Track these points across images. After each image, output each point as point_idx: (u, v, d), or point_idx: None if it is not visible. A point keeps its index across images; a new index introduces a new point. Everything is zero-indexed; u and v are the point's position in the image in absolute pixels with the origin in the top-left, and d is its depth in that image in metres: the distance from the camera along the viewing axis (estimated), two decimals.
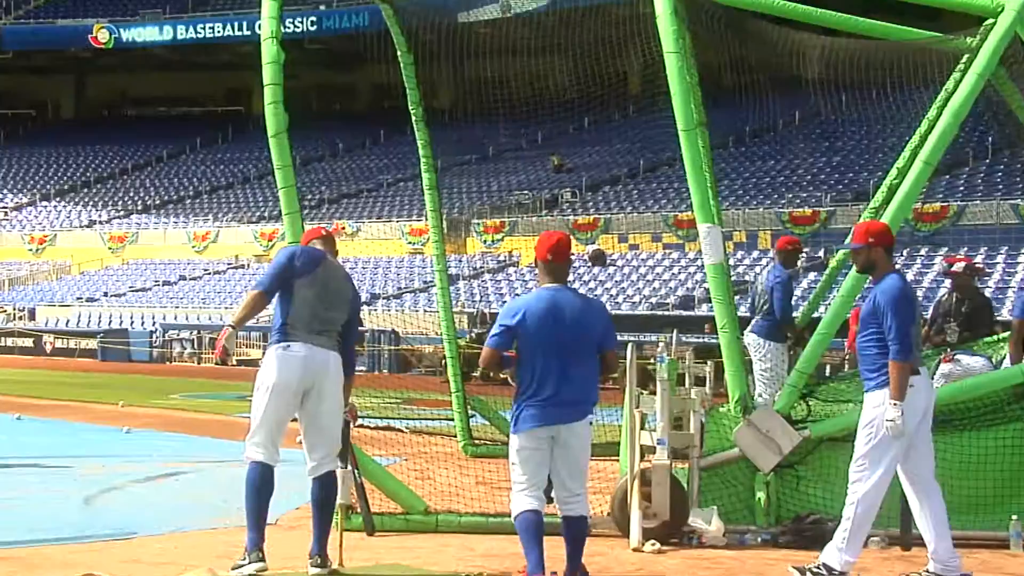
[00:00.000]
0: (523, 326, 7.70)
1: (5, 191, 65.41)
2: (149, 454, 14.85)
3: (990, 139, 37.55)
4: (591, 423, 7.80)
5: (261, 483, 7.98)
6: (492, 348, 7.81)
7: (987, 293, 18.68)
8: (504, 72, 15.22)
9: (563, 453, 7.64)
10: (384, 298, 44.64)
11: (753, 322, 14.13)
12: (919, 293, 30.96)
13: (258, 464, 7.96)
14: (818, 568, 8.25)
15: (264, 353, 8.25)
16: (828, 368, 18.86)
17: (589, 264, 37.89)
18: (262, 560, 7.84)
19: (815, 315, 14.76)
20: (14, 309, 50.20)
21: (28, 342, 44.33)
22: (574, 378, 7.64)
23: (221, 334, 8.14)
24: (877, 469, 8.25)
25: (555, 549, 7.70)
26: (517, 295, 40.89)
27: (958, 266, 14.65)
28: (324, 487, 8.09)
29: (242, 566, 7.83)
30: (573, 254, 8.13)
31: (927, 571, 8.31)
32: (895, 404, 8.06)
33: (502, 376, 11.03)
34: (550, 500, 8.19)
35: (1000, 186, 38.57)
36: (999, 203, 37.54)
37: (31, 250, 58.25)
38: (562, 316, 7.67)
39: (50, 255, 57.51)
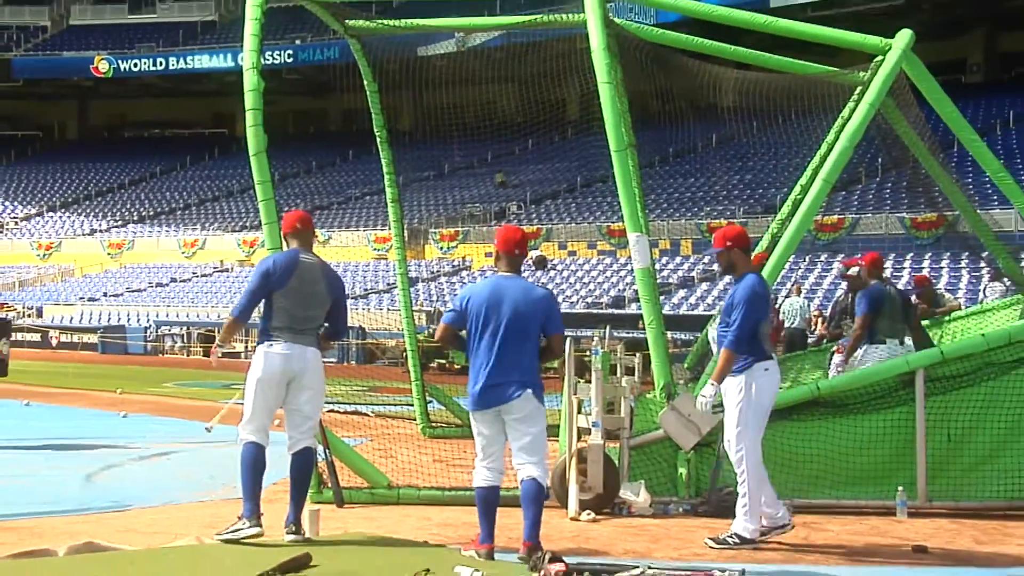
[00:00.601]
0: (468, 306, 7.67)
1: (16, 203, 64.92)
2: (144, 436, 14.75)
3: (880, 160, 37.82)
4: (539, 398, 7.60)
5: (254, 461, 8.00)
6: (444, 324, 7.81)
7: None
8: (458, 99, 15.19)
9: (510, 428, 7.57)
10: (352, 298, 44.52)
11: None
12: (819, 294, 31.23)
13: (251, 444, 8.00)
14: (731, 536, 8.29)
15: (253, 350, 8.27)
16: None
17: (532, 267, 37.92)
18: (259, 526, 7.88)
19: None
20: (24, 307, 49.94)
21: (36, 337, 44.02)
22: (509, 360, 7.53)
23: (212, 350, 8.27)
24: (754, 444, 8.33)
25: (508, 519, 7.67)
26: None
27: (853, 270, 14.76)
28: (300, 462, 8.10)
29: (239, 529, 7.87)
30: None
31: (721, 536, 8.35)
32: (714, 384, 8.23)
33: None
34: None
35: (888, 201, 38.87)
36: (887, 216, 37.92)
37: (39, 255, 57.96)
38: (503, 300, 7.60)
39: (56, 260, 57.21)
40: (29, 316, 48.80)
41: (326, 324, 8.30)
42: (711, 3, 18.16)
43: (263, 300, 8.08)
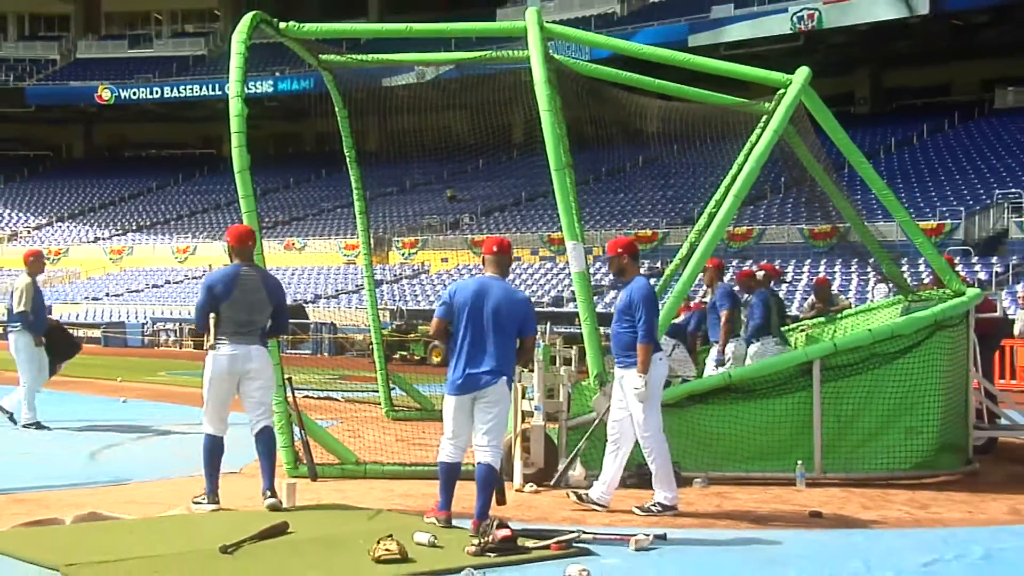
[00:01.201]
0: (455, 301, 7.60)
1: (28, 214, 64.23)
2: (141, 419, 14.60)
3: (783, 179, 38.10)
4: (509, 387, 7.59)
5: (212, 448, 8.25)
6: (437, 319, 7.72)
7: (780, 294, 18.91)
8: (418, 124, 15.12)
9: (478, 412, 7.51)
10: (325, 298, 44.41)
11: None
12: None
13: (209, 436, 8.23)
14: (654, 505, 8.32)
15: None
16: None
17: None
18: (217, 502, 8.13)
19: None
20: None
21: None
22: (487, 352, 7.47)
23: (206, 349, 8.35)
24: (656, 424, 8.35)
25: (460, 491, 7.66)
26: (427, 295, 41.00)
27: (758, 274, 14.90)
28: (264, 439, 8.30)
29: (202, 504, 8.12)
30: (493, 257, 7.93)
31: (586, 495, 8.49)
32: (641, 376, 8.22)
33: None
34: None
35: (790, 215, 39.19)
36: (789, 227, 38.25)
37: (49, 260, 57.18)
38: (485, 299, 7.53)
39: (64, 264, 56.68)
40: None
41: (271, 321, 8.48)
42: (638, 42, 18.32)
43: (211, 310, 8.18)
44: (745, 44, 42.08)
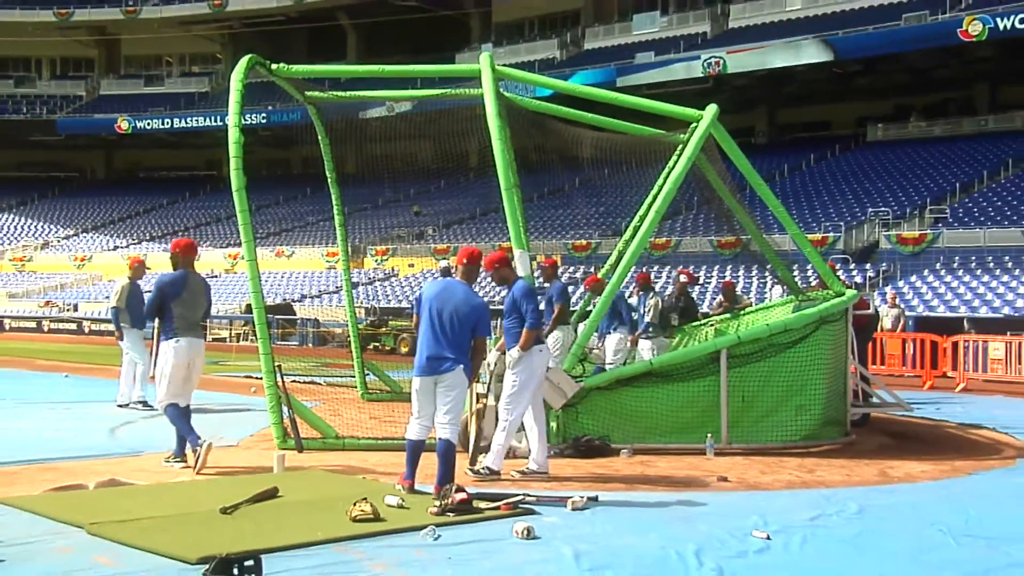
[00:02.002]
0: (423, 297, 7.63)
1: (58, 226, 63.38)
2: (154, 400, 14.33)
3: (695, 198, 38.30)
4: (465, 373, 7.50)
5: (179, 413, 8.56)
6: (416, 315, 7.72)
7: (694, 296, 19.03)
8: (388, 150, 15.03)
9: (440, 392, 7.47)
10: (309, 297, 44.05)
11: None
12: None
13: (173, 405, 8.56)
14: (484, 469, 8.21)
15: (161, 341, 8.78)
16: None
17: (438, 275, 37.72)
18: (185, 460, 8.52)
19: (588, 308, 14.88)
20: (64, 304, 48.84)
21: (73, 326, 43.05)
22: (446, 342, 7.42)
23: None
24: (520, 406, 8.23)
25: (423, 461, 7.61)
26: (396, 296, 40.84)
27: (682, 278, 14.99)
28: (187, 412, 8.65)
29: (174, 460, 8.58)
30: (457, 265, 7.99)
31: (528, 468, 8.37)
32: (520, 350, 8.18)
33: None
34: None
35: (701, 228, 39.37)
36: (701, 238, 38.46)
37: (75, 266, 56.73)
38: (449, 298, 7.50)
39: (88, 269, 55.87)
40: (68, 311, 47.67)
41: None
42: (574, 83, 18.35)
43: (164, 310, 8.55)
44: (664, 85, 42.19)
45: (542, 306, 10.47)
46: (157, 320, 8.61)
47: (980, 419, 13.49)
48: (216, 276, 50.70)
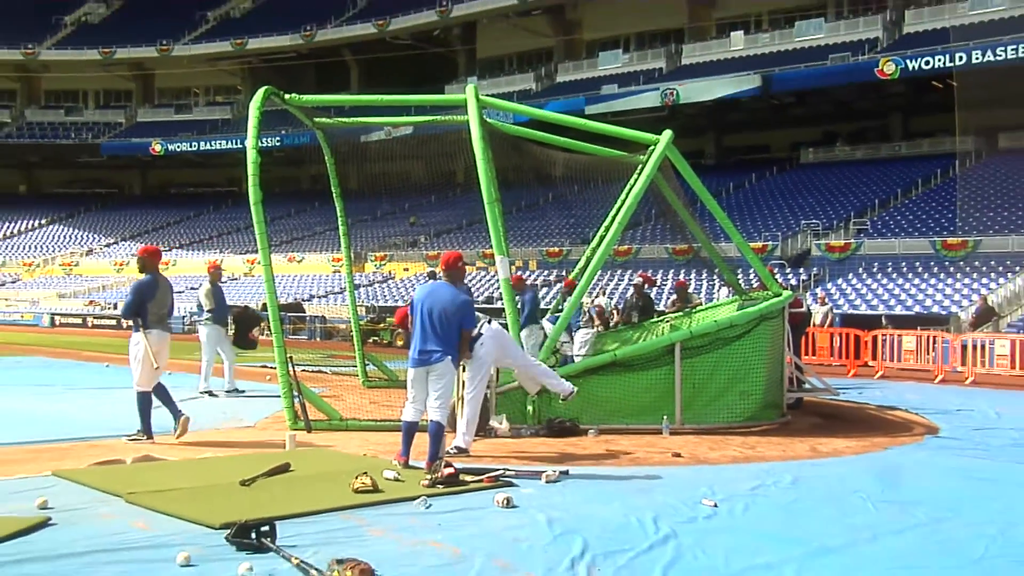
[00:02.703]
0: (414, 299, 7.63)
1: (101, 235, 62.92)
2: (181, 387, 14.17)
3: (653, 210, 38.32)
4: (453, 363, 7.48)
5: (146, 401, 8.75)
6: (407, 313, 7.71)
7: (651, 295, 19.03)
8: (386, 169, 14.99)
9: (431, 380, 7.45)
10: (317, 297, 43.88)
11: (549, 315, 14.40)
12: (616, 295, 31.50)
13: (145, 392, 8.72)
14: (453, 448, 7.97)
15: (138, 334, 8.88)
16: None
17: (427, 279, 37.65)
18: (152, 438, 8.62)
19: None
20: (105, 303, 48.53)
21: (113, 323, 42.67)
22: (436, 337, 7.41)
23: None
24: (478, 390, 8.03)
25: (416, 440, 7.56)
26: (393, 296, 40.69)
27: (637, 280, 14.95)
28: (161, 390, 8.85)
29: (140, 440, 8.61)
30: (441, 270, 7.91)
31: (456, 446, 8.01)
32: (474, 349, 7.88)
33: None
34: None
35: (659, 237, 39.44)
36: (658, 246, 38.52)
37: (115, 269, 56.37)
38: (437, 298, 7.50)
39: (126, 272, 55.29)
40: (109, 309, 47.37)
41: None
42: (548, 110, 18.35)
43: (140, 308, 8.73)
44: (626, 113, 42.15)
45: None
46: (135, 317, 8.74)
47: (895, 402, 13.56)
48: (236, 278, 50.62)
